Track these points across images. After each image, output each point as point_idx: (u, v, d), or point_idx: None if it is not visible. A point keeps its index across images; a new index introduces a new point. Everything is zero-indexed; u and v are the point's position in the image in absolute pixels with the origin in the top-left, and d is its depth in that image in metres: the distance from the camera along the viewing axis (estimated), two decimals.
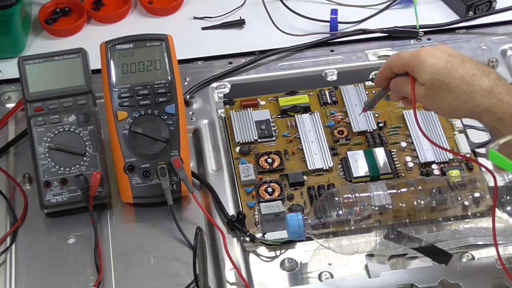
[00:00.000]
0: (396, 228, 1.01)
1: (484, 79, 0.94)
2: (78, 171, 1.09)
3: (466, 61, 0.96)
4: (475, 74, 0.94)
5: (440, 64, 0.95)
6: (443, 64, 0.95)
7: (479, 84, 0.94)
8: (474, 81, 0.94)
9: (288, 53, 1.32)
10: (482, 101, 0.93)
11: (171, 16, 1.41)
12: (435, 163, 1.15)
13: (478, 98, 0.93)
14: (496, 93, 0.93)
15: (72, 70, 1.13)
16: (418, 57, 0.96)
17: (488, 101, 0.93)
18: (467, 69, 0.94)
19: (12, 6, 1.27)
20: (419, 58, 0.96)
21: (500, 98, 0.93)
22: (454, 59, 0.95)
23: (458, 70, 0.94)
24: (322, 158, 1.16)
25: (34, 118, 1.11)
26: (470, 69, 0.94)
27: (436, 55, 0.96)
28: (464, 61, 0.95)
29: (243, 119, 1.21)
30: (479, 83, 0.94)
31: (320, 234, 1.02)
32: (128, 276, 1.05)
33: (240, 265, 1.04)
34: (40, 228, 1.10)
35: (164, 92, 1.12)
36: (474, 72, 0.94)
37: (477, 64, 0.96)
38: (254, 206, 1.11)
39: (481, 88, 0.93)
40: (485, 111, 0.93)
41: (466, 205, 1.02)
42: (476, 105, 0.94)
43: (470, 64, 0.95)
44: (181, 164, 1.09)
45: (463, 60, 0.95)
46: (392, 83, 1.01)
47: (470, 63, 0.95)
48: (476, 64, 0.96)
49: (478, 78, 0.94)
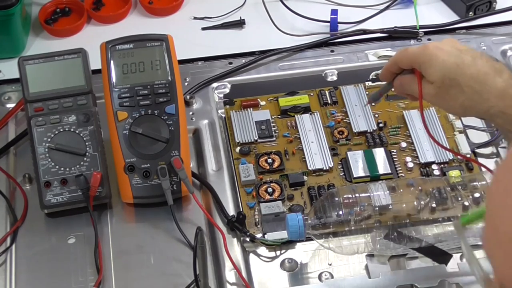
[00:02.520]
0: (396, 228, 1.01)
1: (498, 78, 0.90)
2: (78, 171, 1.09)
3: (477, 57, 0.91)
4: (488, 73, 0.90)
5: (450, 60, 0.90)
6: (454, 60, 0.90)
7: (493, 84, 0.89)
8: (487, 81, 0.89)
9: (288, 53, 1.32)
10: (497, 103, 0.89)
11: (171, 16, 1.41)
12: (435, 163, 1.15)
13: (492, 99, 0.89)
14: (510, 94, 0.89)
15: (72, 70, 1.13)
16: (426, 53, 0.91)
17: (502, 103, 0.89)
18: (479, 67, 0.90)
19: (12, 6, 1.27)
20: (427, 53, 0.91)
21: None
22: (464, 56, 0.91)
23: (470, 68, 0.90)
24: (322, 158, 1.16)
25: (34, 118, 1.11)
26: (482, 67, 0.90)
27: (446, 50, 0.91)
28: (475, 58, 0.91)
29: (243, 119, 1.21)
30: (493, 83, 0.89)
31: (320, 234, 1.02)
32: (128, 276, 1.05)
33: (240, 265, 1.04)
34: (40, 228, 1.10)
35: (164, 92, 1.12)
36: (487, 70, 0.90)
37: (489, 61, 0.92)
38: (254, 206, 1.11)
39: (495, 88, 0.89)
40: (499, 113, 0.90)
41: (466, 206, 1.03)
42: (490, 106, 0.90)
43: (481, 61, 0.91)
44: (181, 164, 1.09)
45: (474, 57, 0.91)
46: (396, 81, 0.97)
47: (481, 59, 0.91)
48: (487, 60, 0.91)
49: (492, 77, 0.90)
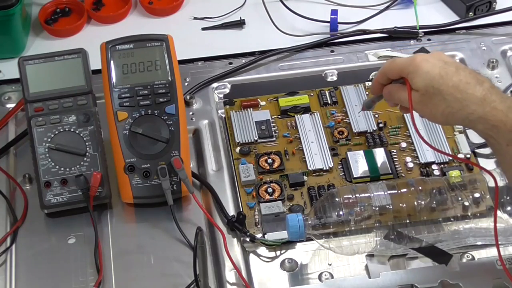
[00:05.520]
0: (396, 228, 1.01)
1: (478, 87, 0.93)
2: (78, 171, 1.09)
3: (460, 69, 0.95)
4: (469, 82, 0.94)
5: (434, 71, 0.95)
6: (438, 71, 0.94)
7: (473, 93, 0.93)
8: (468, 89, 0.93)
9: (288, 54, 1.32)
10: (476, 109, 0.93)
11: (171, 17, 1.41)
12: (435, 164, 1.15)
13: (471, 106, 0.93)
14: (489, 101, 0.93)
15: (72, 71, 1.13)
16: (413, 64, 0.96)
17: (481, 109, 0.93)
18: (461, 77, 0.94)
19: (13, 6, 1.27)
20: (414, 64, 0.96)
21: (494, 106, 0.92)
22: (449, 67, 0.95)
23: (452, 78, 0.94)
24: (322, 158, 1.16)
25: (34, 118, 1.11)
26: (464, 77, 0.94)
27: (431, 62, 0.96)
28: (459, 69, 0.95)
29: (243, 120, 1.21)
30: (473, 91, 0.93)
31: (320, 234, 1.02)
32: (128, 276, 1.05)
33: (240, 265, 1.04)
34: (40, 228, 1.10)
35: (164, 92, 1.12)
36: (468, 80, 0.94)
37: (472, 73, 0.96)
38: (254, 207, 1.11)
39: (475, 96, 0.93)
40: (479, 119, 0.93)
41: (466, 206, 1.03)
42: (469, 113, 0.93)
43: (464, 73, 0.95)
44: (181, 165, 1.09)
45: (457, 68, 0.95)
46: (385, 90, 1.01)
47: (464, 71, 0.95)
48: (470, 72, 0.95)
49: (472, 86, 0.94)
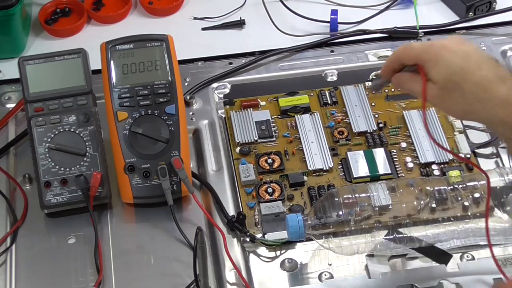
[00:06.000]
0: (396, 228, 1.01)
1: (501, 86, 0.87)
2: (78, 172, 1.09)
3: (482, 62, 0.88)
4: (492, 80, 0.87)
5: (456, 62, 0.87)
6: (459, 63, 0.87)
7: (496, 93, 0.87)
8: (491, 88, 0.87)
9: (288, 54, 1.32)
10: (498, 112, 0.87)
11: (171, 17, 1.41)
12: (435, 164, 1.15)
13: (494, 108, 0.87)
14: None
15: (72, 71, 1.13)
16: (432, 52, 0.89)
17: (503, 112, 0.87)
18: (484, 73, 0.87)
19: (13, 6, 1.27)
20: (433, 52, 0.88)
21: None
22: (470, 58, 0.88)
23: (474, 74, 0.87)
24: (322, 158, 1.16)
25: (34, 118, 1.11)
26: (487, 73, 0.87)
27: (452, 49, 0.88)
28: (481, 63, 0.88)
29: (243, 120, 1.21)
30: (496, 91, 0.87)
31: (320, 234, 1.02)
32: (128, 276, 1.05)
33: (240, 266, 1.04)
34: (40, 228, 1.10)
35: (164, 92, 1.12)
36: (491, 77, 0.87)
37: (493, 65, 0.88)
38: (254, 207, 1.11)
39: (498, 97, 0.87)
40: (500, 122, 0.87)
41: (466, 206, 1.02)
42: (491, 115, 0.87)
43: (487, 66, 0.88)
44: (181, 165, 1.09)
45: (478, 61, 0.88)
46: (394, 79, 0.95)
47: (487, 64, 0.88)
48: (492, 65, 0.88)
49: (495, 85, 0.87)
